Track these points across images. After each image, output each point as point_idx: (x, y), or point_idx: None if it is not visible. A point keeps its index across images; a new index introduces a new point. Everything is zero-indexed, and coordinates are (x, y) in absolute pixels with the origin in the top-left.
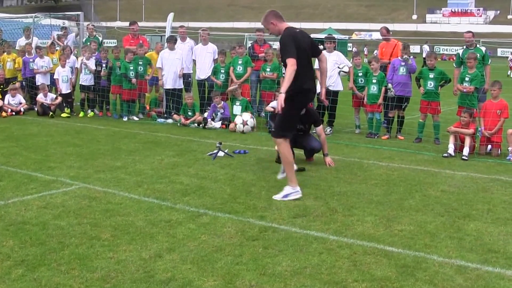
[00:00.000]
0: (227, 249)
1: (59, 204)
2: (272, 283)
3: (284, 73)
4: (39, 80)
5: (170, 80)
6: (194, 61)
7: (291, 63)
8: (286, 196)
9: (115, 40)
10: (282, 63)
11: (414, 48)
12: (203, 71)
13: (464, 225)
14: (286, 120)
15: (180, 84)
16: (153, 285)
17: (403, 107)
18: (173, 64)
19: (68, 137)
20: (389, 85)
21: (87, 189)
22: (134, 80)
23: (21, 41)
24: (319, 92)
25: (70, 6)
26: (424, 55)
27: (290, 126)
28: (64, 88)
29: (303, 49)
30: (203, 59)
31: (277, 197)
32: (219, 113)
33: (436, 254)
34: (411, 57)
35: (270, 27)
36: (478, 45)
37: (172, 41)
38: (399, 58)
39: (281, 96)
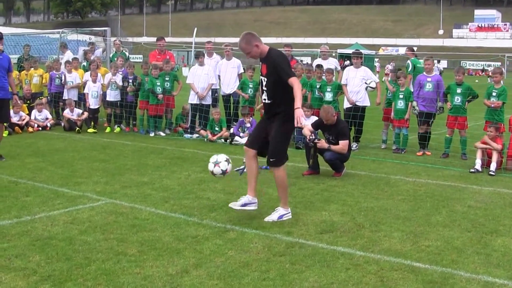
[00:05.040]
0: (254, 264)
1: (85, 220)
2: None
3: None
4: (66, 95)
5: (197, 96)
6: (219, 76)
7: (298, 81)
8: (281, 217)
9: (141, 56)
10: (269, 82)
11: (441, 63)
12: (228, 87)
13: (491, 241)
14: (285, 144)
15: (207, 100)
16: None
17: (430, 122)
18: (201, 79)
19: (95, 153)
20: (414, 103)
21: (114, 205)
22: (160, 96)
23: (67, 56)
24: (347, 107)
25: (96, 22)
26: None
27: (286, 150)
28: (93, 104)
29: None
30: (228, 74)
31: (272, 218)
32: (246, 129)
33: (463, 270)
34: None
35: (254, 50)
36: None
37: (201, 56)
38: (424, 74)
39: (300, 111)
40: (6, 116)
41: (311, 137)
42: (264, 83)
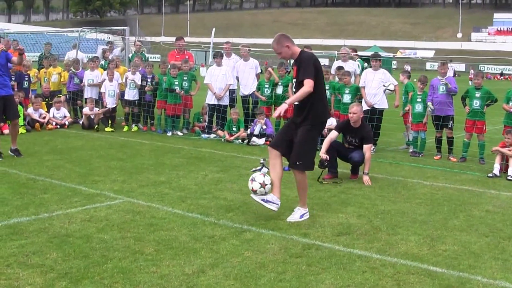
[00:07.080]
0: (270, 265)
1: (103, 218)
2: None
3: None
4: (87, 93)
5: (214, 96)
6: (237, 77)
7: (310, 84)
8: (302, 216)
9: (159, 55)
10: (298, 84)
11: (459, 67)
12: (247, 87)
13: (509, 246)
14: (312, 148)
15: (224, 100)
16: None
17: (450, 126)
18: (219, 80)
19: (112, 151)
20: (429, 103)
21: (131, 203)
22: (178, 90)
23: (68, 55)
24: (365, 110)
25: (115, 21)
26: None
27: (314, 156)
28: (110, 103)
29: (323, 77)
30: (246, 75)
31: (293, 218)
32: (259, 126)
33: (481, 275)
34: (455, 75)
35: (284, 50)
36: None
37: (219, 57)
38: (438, 77)
39: (284, 106)
40: (14, 112)
41: (324, 161)
42: (295, 85)
